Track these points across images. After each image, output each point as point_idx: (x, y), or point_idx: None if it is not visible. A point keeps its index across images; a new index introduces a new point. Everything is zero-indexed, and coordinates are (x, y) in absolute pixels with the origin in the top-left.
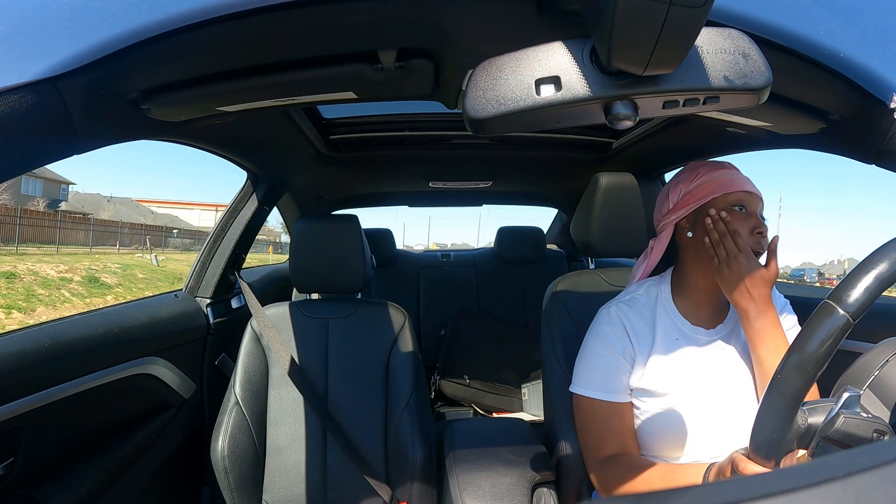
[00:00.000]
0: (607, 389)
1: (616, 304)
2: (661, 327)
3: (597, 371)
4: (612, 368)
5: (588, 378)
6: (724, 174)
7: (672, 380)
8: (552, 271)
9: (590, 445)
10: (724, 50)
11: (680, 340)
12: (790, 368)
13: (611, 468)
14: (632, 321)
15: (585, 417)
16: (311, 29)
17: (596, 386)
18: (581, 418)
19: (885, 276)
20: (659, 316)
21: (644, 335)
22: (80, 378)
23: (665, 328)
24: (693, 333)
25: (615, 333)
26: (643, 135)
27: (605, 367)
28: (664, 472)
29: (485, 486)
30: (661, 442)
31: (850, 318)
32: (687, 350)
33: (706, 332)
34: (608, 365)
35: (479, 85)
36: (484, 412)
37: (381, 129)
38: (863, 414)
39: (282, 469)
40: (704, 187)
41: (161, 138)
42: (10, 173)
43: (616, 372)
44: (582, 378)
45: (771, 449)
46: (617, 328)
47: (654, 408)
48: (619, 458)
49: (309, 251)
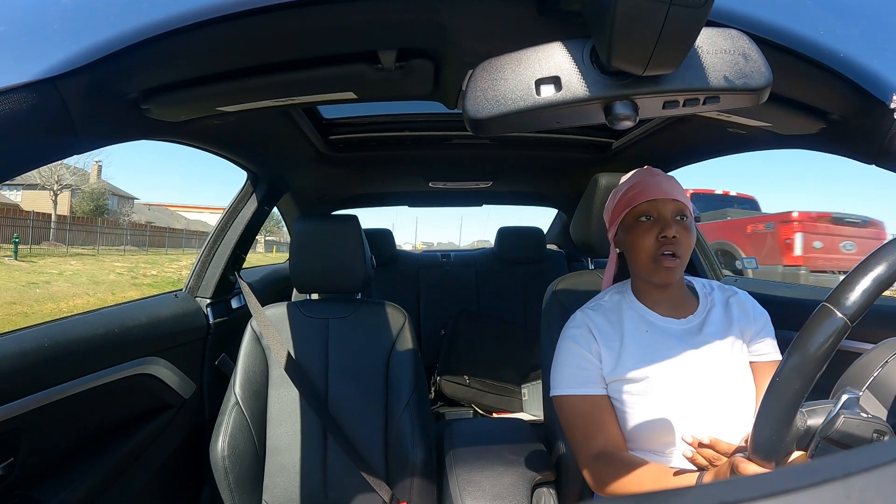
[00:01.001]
0: (582, 383)
1: (581, 310)
2: (628, 323)
3: (569, 368)
4: (584, 364)
5: (562, 377)
6: (636, 186)
7: (646, 367)
8: (552, 271)
9: (578, 443)
10: (724, 50)
11: (650, 332)
12: (789, 371)
13: (602, 465)
14: (596, 322)
15: (568, 416)
16: (311, 29)
17: (570, 383)
18: (564, 419)
19: (883, 278)
20: (626, 314)
21: (610, 333)
22: (80, 378)
23: (634, 323)
24: (664, 324)
25: (581, 334)
26: (643, 135)
27: (577, 364)
28: (656, 473)
29: (485, 485)
30: (646, 432)
31: (848, 320)
32: (658, 339)
33: (677, 321)
34: (580, 361)
35: (479, 85)
36: (484, 412)
37: (382, 130)
38: (862, 414)
39: (282, 469)
40: (620, 203)
41: (161, 138)
42: (10, 173)
43: (588, 367)
44: (557, 379)
45: (771, 451)
46: (582, 329)
47: (634, 398)
48: (609, 455)
49: (309, 251)
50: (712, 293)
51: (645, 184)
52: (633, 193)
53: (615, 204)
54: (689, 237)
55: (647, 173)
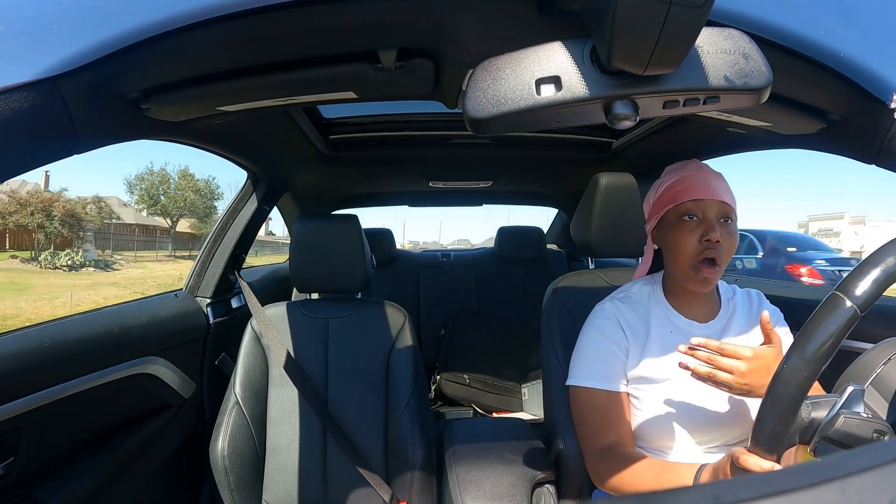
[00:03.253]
0: (605, 379)
1: (610, 300)
2: (654, 321)
3: (594, 362)
4: (609, 358)
5: (586, 369)
6: (682, 181)
7: (668, 368)
8: (552, 271)
9: (588, 436)
10: (724, 50)
11: (675, 333)
12: (796, 359)
13: (606, 458)
14: (626, 315)
15: (584, 408)
16: (311, 29)
17: (593, 376)
18: (579, 410)
19: (893, 269)
20: (653, 311)
21: (638, 328)
22: (80, 378)
23: (659, 321)
24: (687, 327)
25: (610, 326)
26: (643, 135)
27: (602, 358)
28: (657, 468)
29: (485, 485)
30: (659, 432)
31: (858, 309)
32: (681, 342)
33: (700, 325)
34: (606, 355)
35: (480, 85)
36: (484, 412)
37: (382, 129)
38: (863, 413)
39: (282, 469)
40: (662, 198)
41: (161, 138)
42: (11, 173)
43: (613, 361)
44: (579, 370)
45: (773, 441)
46: (611, 321)
47: (652, 396)
48: (614, 449)
49: (309, 251)
50: (734, 297)
51: (692, 180)
52: (679, 189)
53: (658, 197)
54: (732, 242)
55: (694, 167)
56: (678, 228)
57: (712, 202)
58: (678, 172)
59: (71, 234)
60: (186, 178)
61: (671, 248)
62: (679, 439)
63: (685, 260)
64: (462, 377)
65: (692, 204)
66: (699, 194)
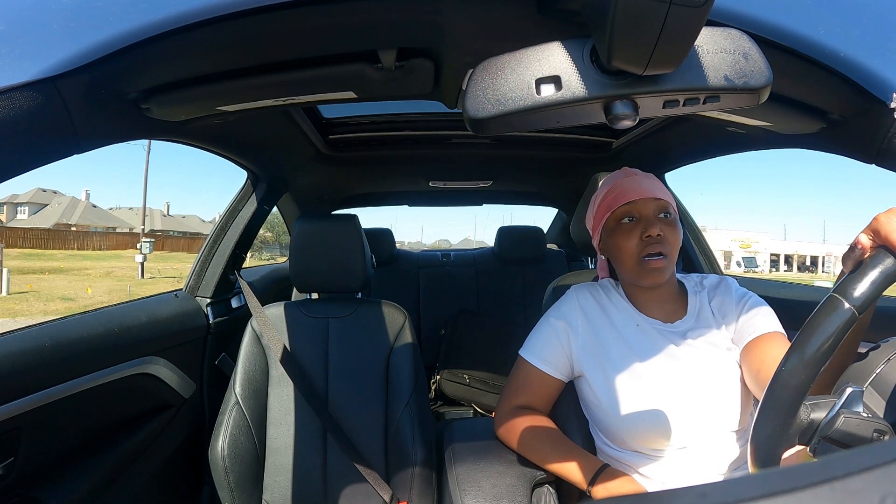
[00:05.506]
0: (547, 363)
1: (577, 288)
2: (617, 315)
3: (544, 345)
4: (557, 347)
5: (535, 347)
6: (613, 189)
7: (634, 364)
8: (552, 271)
9: (508, 394)
10: (724, 50)
11: (640, 326)
12: (795, 361)
13: (517, 414)
14: (586, 308)
15: (519, 376)
16: (312, 29)
17: (539, 356)
18: (515, 374)
19: (891, 270)
20: (616, 305)
21: (598, 318)
22: (80, 378)
23: (622, 316)
24: (649, 326)
25: (569, 317)
26: (643, 134)
27: (551, 344)
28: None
29: (485, 485)
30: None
31: (856, 311)
32: (646, 337)
33: (663, 324)
34: (555, 344)
35: (480, 85)
36: (484, 412)
37: (382, 129)
38: (863, 413)
39: (282, 469)
40: (599, 209)
41: (161, 138)
42: (11, 173)
43: (559, 353)
44: (531, 344)
45: (773, 443)
46: (570, 316)
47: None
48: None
49: (309, 251)
50: (702, 292)
51: (622, 185)
52: (612, 197)
53: (595, 210)
54: (674, 234)
55: (623, 174)
56: (618, 233)
57: (646, 201)
58: (609, 183)
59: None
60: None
61: (615, 253)
62: (644, 435)
63: (630, 259)
64: (462, 377)
65: (627, 206)
66: (632, 196)
